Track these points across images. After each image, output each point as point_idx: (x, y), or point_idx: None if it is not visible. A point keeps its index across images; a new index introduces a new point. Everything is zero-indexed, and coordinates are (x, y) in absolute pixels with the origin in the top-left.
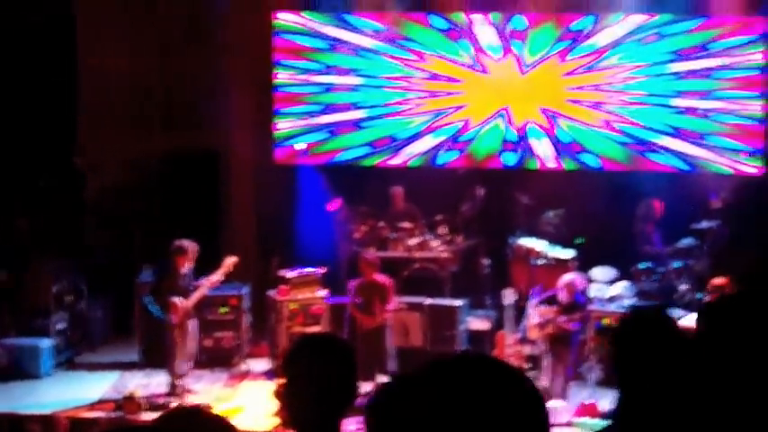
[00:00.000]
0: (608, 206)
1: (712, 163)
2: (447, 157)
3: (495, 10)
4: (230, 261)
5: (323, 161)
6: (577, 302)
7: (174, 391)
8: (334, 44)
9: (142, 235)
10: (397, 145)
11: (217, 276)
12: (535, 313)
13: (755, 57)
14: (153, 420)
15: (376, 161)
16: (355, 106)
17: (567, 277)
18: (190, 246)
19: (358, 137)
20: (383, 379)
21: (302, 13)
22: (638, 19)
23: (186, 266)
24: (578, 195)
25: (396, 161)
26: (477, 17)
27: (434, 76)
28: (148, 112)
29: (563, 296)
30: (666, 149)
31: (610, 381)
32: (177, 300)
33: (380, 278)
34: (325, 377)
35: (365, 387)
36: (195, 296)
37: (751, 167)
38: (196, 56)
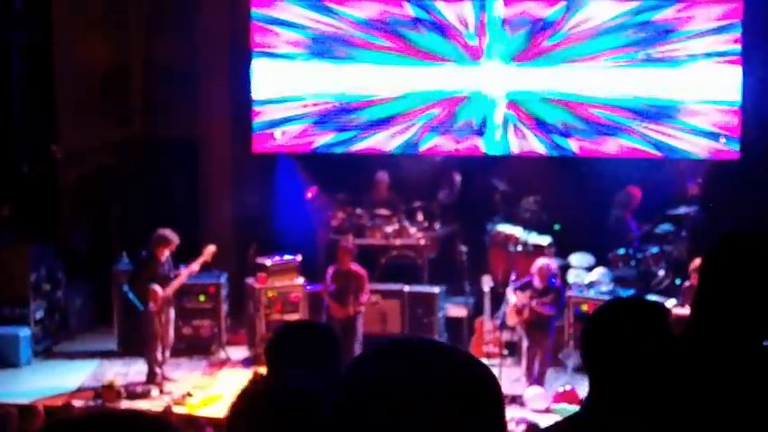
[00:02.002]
0: (585, 192)
1: (688, 149)
2: (426, 143)
3: None
4: (209, 250)
5: (300, 149)
6: (550, 286)
7: (152, 379)
8: (313, 32)
9: (120, 223)
10: (375, 131)
11: (196, 265)
12: (512, 299)
13: (732, 41)
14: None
15: (354, 147)
16: (334, 95)
17: (540, 262)
18: (172, 236)
19: (336, 124)
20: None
21: (279, 1)
22: (610, 5)
23: (166, 254)
24: (555, 182)
25: (375, 147)
26: (454, 5)
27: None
28: (126, 99)
29: (536, 281)
30: (642, 135)
31: None
32: (157, 288)
33: (356, 268)
34: (307, 364)
35: None
36: (174, 284)
37: (728, 152)
38: (175, 42)
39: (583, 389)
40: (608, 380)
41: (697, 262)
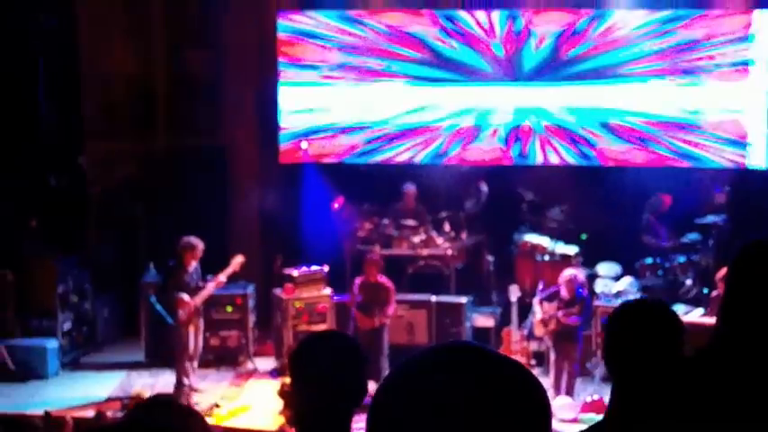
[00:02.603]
0: (612, 202)
1: (715, 159)
2: (452, 153)
3: (496, 7)
4: (237, 261)
5: (327, 159)
6: (577, 297)
7: (180, 390)
8: (339, 42)
9: (147, 234)
10: (402, 141)
11: (223, 276)
12: (539, 310)
13: (745, 52)
14: (123, 416)
15: (380, 158)
16: (360, 106)
17: (568, 273)
18: (198, 243)
19: (362, 136)
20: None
21: (306, 12)
22: (636, 15)
23: (193, 264)
24: (582, 191)
25: (402, 158)
26: (478, 14)
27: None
28: (153, 111)
29: (564, 292)
30: (669, 144)
31: None
32: (185, 297)
33: (383, 280)
34: (331, 375)
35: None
36: (202, 295)
37: (754, 161)
38: (200, 54)
39: None
40: (629, 384)
41: (724, 271)
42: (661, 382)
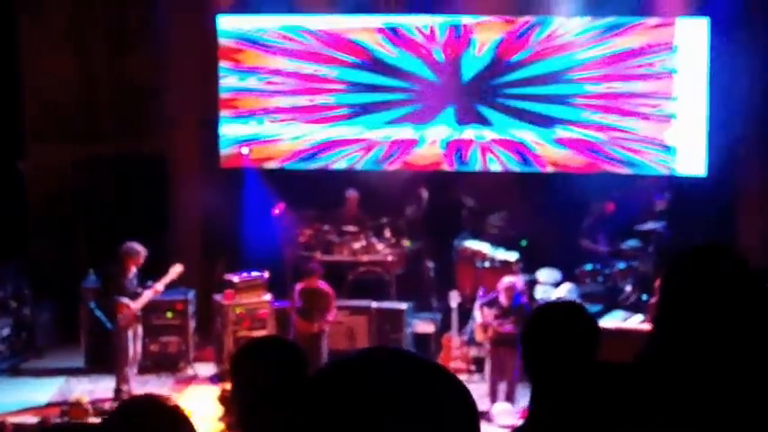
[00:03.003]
0: (552, 208)
1: (653, 165)
2: (392, 159)
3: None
4: (176, 270)
5: (267, 165)
6: (514, 305)
7: (119, 396)
8: (278, 47)
9: (87, 240)
10: (342, 147)
11: (161, 285)
12: (479, 315)
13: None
14: (109, 414)
15: (321, 164)
16: (300, 110)
17: (507, 280)
18: (140, 249)
19: (302, 142)
20: None
21: (246, 17)
22: (577, 23)
23: (134, 270)
24: (522, 198)
25: (341, 165)
26: (419, 19)
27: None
28: (93, 116)
29: (503, 299)
30: (609, 151)
31: None
32: (126, 301)
33: (323, 286)
34: (272, 380)
35: None
36: (141, 301)
37: (689, 169)
38: (141, 58)
39: None
40: (544, 388)
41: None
42: (576, 387)
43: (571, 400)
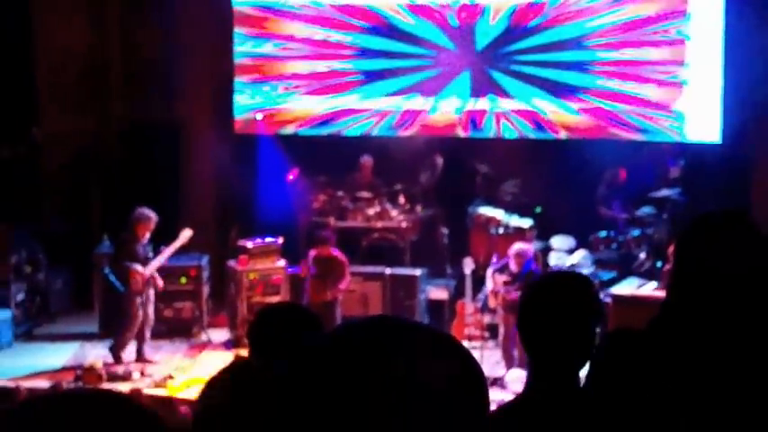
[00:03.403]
0: (566, 175)
1: (668, 132)
2: (407, 126)
3: None
4: (186, 234)
5: (281, 131)
6: (524, 271)
7: (118, 360)
8: (294, 13)
9: (101, 206)
10: (355, 115)
11: (172, 249)
12: (491, 282)
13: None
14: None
15: (335, 130)
16: (315, 76)
17: (517, 246)
18: (151, 215)
19: (317, 106)
20: None
21: None
22: None
23: (146, 236)
24: (537, 164)
25: (356, 131)
26: None
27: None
28: (107, 82)
29: (513, 265)
30: (625, 118)
31: None
32: (138, 267)
33: (337, 253)
34: (289, 346)
35: None
36: (152, 266)
37: (702, 135)
38: (155, 24)
39: None
40: (542, 357)
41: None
42: (575, 357)
43: (566, 376)
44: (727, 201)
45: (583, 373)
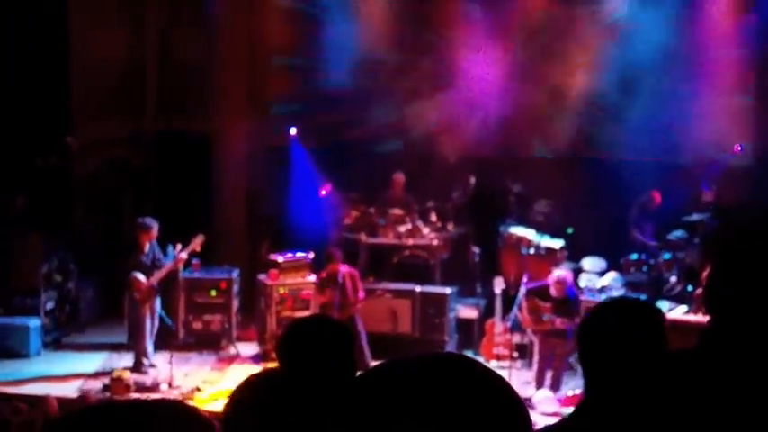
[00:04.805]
0: (598, 196)
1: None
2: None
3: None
4: (198, 240)
5: (315, 145)
6: (569, 297)
7: (138, 368)
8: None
9: (132, 215)
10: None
11: (184, 254)
12: (527, 305)
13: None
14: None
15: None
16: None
17: (556, 273)
18: (153, 224)
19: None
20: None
21: None
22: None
23: (148, 245)
24: (569, 185)
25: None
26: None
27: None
28: (143, 91)
29: (554, 291)
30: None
31: None
32: (140, 276)
33: (346, 269)
34: (320, 360)
35: None
36: (160, 273)
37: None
38: (191, 35)
39: None
40: (602, 380)
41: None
42: (639, 379)
43: (628, 394)
44: (757, 225)
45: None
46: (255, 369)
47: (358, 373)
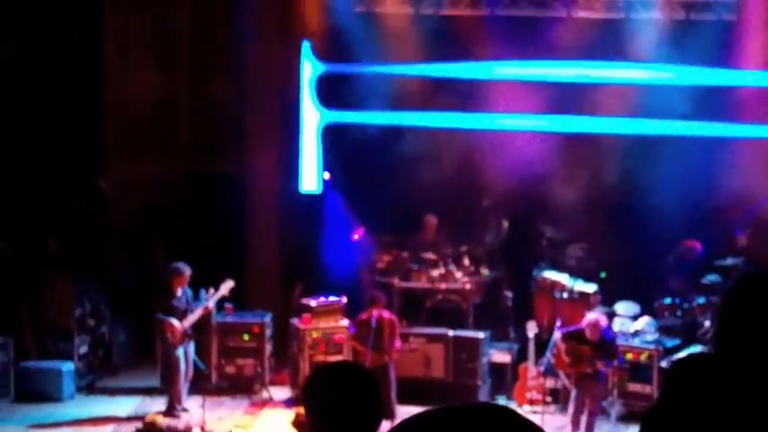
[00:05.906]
0: (631, 241)
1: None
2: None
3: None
4: (227, 285)
5: (348, 189)
6: (606, 339)
7: (171, 413)
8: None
9: (165, 258)
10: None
11: (212, 300)
12: (566, 347)
13: None
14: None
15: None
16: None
17: (591, 317)
18: (185, 269)
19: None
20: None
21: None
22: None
23: (180, 289)
24: (602, 229)
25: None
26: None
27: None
28: (174, 132)
29: (589, 334)
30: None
31: (631, 416)
32: (173, 321)
33: (388, 315)
34: (345, 406)
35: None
36: (190, 319)
37: None
38: (224, 77)
39: None
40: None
41: None
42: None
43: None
44: None
45: None
46: (288, 413)
47: (389, 423)
